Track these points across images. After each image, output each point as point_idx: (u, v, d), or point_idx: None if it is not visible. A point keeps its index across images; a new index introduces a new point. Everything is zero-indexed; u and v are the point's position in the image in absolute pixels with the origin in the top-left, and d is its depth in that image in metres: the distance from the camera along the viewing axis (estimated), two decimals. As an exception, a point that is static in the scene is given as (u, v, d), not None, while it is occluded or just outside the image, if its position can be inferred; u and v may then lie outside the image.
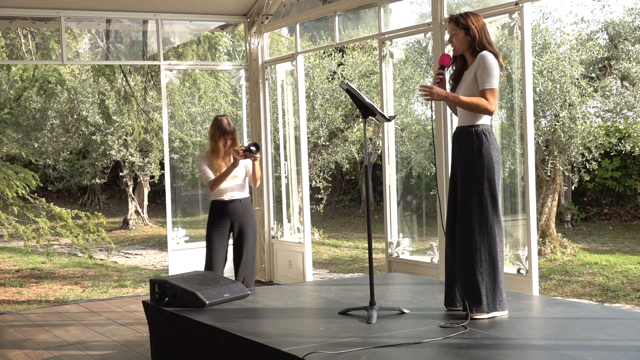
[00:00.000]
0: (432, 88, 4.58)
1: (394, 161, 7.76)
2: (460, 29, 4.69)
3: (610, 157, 14.01)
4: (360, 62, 13.79)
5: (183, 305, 5.19)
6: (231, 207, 6.12)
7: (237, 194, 6.15)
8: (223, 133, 6.05)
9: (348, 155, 15.35)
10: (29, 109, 13.97)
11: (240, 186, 6.16)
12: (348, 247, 13.48)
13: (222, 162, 6.10)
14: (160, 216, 19.08)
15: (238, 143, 6.13)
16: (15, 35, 10.64)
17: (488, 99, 4.58)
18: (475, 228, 4.60)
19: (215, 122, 6.10)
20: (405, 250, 7.61)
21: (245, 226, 6.16)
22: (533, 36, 9.67)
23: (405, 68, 11.73)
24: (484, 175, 4.59)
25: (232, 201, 6.12)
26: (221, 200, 6.13)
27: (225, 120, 6.09)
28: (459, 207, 4.68)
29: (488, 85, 4.58)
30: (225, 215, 6.13)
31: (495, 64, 4.61)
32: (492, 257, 4.62)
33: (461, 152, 4.70)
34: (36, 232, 8.93)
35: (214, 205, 6.17)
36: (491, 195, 4.60)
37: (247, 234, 6.16)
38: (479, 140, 4.61)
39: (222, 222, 6.13)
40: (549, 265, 10.27)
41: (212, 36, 10.44)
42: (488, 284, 4.60)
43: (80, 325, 7.10)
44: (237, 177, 6.12)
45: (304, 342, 4.14)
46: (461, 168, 4.69)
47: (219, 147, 6.07)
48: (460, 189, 4.68)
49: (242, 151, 5.95)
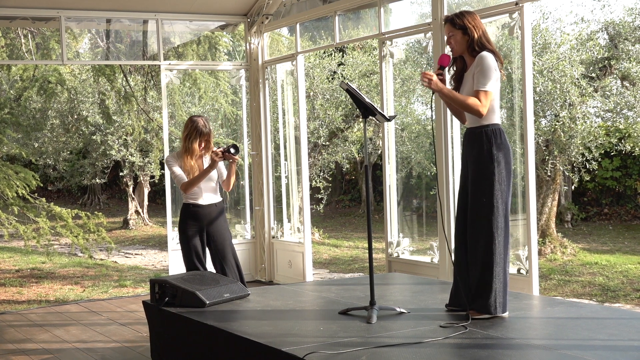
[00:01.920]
0: (432, 76, 4.56)
1: (394, 161, 7.76)
2: (457, 29, 4.66)
3: (610, 157, 14.01)
4: (360, 62, 13.79)
5: (183, 305, 5.19)
6: (207, 211, 5.92)
7: (211, 197, 5.95)
8: (199, 134, 5.84)
9: (348, 155, 15.35)
10: (29, 109, 13.97)
11: (213, 189, 5.98)
12: (348, 247, 13.49)
13: (196, 163, 5.89)
14: (160, 216, 19.08)
15: (212, 145, 5.96)
16: (16, 35, 10.64)
17: (481, 100, 4.55)
18: (487, 230, 4.56)
19: (190, 122, 5.86)
20: (405, 250, 7.61)
21: (220, 231, 5.97)
22: (533, 36, 9.67)
23: (406, 68, 11.72)
24: (494, 176, 4.55)
25: (209, 205, 5.92)
26: (197, 203, 5.90)
27: (202, 121, 5.87)
28: (470, 209, 4.64)
29: (482, 86, 4.55)
30: (200, 219, 5.91)
31: (493, 65, 4.57)
32: (504, 259, 4.60)
33: (472, 153, 4.66)
34: (36, 232, 8.93)
35: (188, 208, 5.92)
36: (502, 196, 4.57)
37: (223, 238, 5.98)
38: (489, 141, 4.58)
39: (197, 225, 5.92)
40: (549, 265, 10.27)
41: (212, 36, 10.44)
42: (498, 284, 4.58)
43: (80, 325, 7.10)
44: (210, 180, 5.93)
45: (304, 342, 4.14)
46: (472, 169, 4.65)
47: (194, 148, 5.84)
48: (472, 190, 4.64)
49: (221, 152, 5.80)
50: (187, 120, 5.94)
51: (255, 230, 9.51)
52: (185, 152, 5.89)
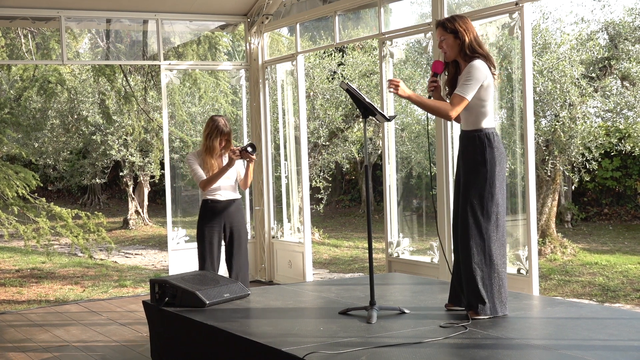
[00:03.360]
0: (398, 83, 4.56)
1: (394, 161, 7.76)
2: (448, 33, 4.65)
3: (610, 157, 14.01)
4: (360, 62, 13.79)
5: (183, 305, 5.19)
6: (224, 207, 6.07)
7: (230, 194, 6.09)
8: (220, 133, 5.99)
9: (348, 155, 15.35)
10: (29, 109, 13.97)
11: (232, 187, 6.11)
12: (348, 247, 13.49)
13: (216, 162, 6.04)
14: (160, 216, 19.08)
15: (232, 144, 6.08)
16: (16, 35, 10.64)
17: (453, 103, 4.55)
18: (477, 232, 4.59)
19: (211, 122, 6.03)
20: (405, 250, 7.62)
21: (238, 227, 6.11)
22: (533, 36, 9.67)
23: (406, 68, 11.72)
24: (486, 179, 4.57)
25: (226, 201, 6.07)
26: (214, 199, 6.05)
27: (222, 120, 6.03)
28: (462, 211, 4.67)
29: (460, 91, 4.55)
30: (218, 214, 6.06)
31: (481, 77, 4.54)
32: (495, 260, 4.60)
33: (465, 156, 4.69)
34: (36, 232, 8.93)
35: (206, 203, 6.08)
36: (493, 199, 4.59)
37: (240, 235, 6.12)
38: (481, 144, 4.59)
39: (215, 221, 6.06)
40: (549, 265, 10.27)
41: (212, 36, 10.44)
42: (489, 286, 4.60)
43: (80, 325, 7.10)
44: (229, 178, 6.06)
45: (304, 342, 4.14)
46: (464, 172, 4.68)
47: (215, 146, 6.00)
48: (463, 192, 4.67)
49: (239, 151, 5.90)
50: (209, 119, 6.10)
51: (255, 230, 9.51)
52: (205, 150, 6.04)
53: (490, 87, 4.62)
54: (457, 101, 4.54)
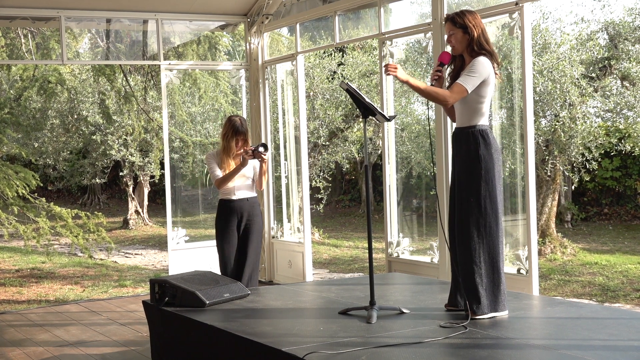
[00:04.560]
0: (396, 68, 4.57)
1: (394, 161, 7.76)
2: (457, 28, 4.67)
3: (610, 157, 14.01)
4: (360, 62, 13.79)
5: (183, 305, 5.19)
6: (239, 205, 6.15)
7: (245, 192, 6.18)
8: (236, 133, 6.07)
9: (348, 155, 15.35)
10: (29, 109, 13.95)
11: (248, 186, 6.20)
12: (348, 247, 13.49)
13: (232, 161, 6.12)
14: (160, 216, 19.08)
15: (249, 144, 6.15)
16: (15, 35, 10.64)
17: (453, 91, 4.56)
18: (473, 230, 4.60)
19: (228, 122, 6.12)
20: (405, 250, 7.61)
21: (251, 224, 6.18)
22: (533, 36, 9.67)
23: (406, 68, 11.72)
24: (481, 177, 4.58)
25: (240, 200, 6.15)
26: (229, 199, 6.15)
27: (239, 120, 6.12)
28: (457, 210, 4.68)
29: (461, 81, 4.56)
30: (233, 213, 6.15)
31: (484, 70, 4.56)
32: (492, 258, 4.61)
33: (459, 153, 4.70)
34: (36, 231, 8.93)
35: (222, 204, 6.19)
36: (490, 196, 4.59)
37: (252, 232, 6.18)
38: (475, 141, 4.60)
39: (231, 220, 6.15)
40: (549, 265, 10.27)
41: (212, 36, 10.44)
42: (488, 285, 4.60)
43: (80, 325, 7.10)
44: (246, 178, 6.15)
45: (304, 342, 4.14)
46: (459, 170, 4.69)
47: (231, 146, 6.08)
48: (458, 190, 4.68)
49: (251, 151, 5.98)
50: (226, 119, 6.20)
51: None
52: (223, 150, 6.14)
53: (491, 85, 4.63)
54: (457, 89, 4.55)
